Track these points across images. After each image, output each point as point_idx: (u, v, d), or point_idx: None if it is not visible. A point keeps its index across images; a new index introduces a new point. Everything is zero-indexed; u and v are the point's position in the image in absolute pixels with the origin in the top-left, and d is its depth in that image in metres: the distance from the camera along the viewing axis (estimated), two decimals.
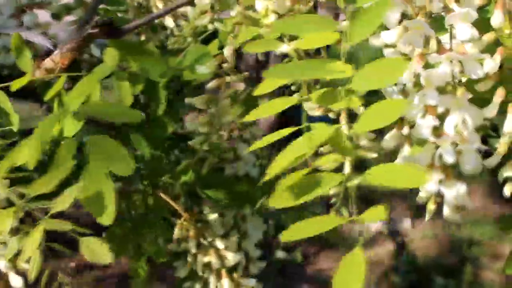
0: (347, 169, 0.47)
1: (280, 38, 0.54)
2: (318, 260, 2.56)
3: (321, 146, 0.48)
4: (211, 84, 0.61)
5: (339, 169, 0.49)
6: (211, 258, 0.76)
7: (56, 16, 0.91)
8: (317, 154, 0.49)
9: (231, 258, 0.76)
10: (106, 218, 0.54)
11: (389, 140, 0.56)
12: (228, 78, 0.61)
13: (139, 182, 0.85)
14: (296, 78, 0.49)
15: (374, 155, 0.63)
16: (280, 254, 2.52)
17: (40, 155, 0.55)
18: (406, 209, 2.63)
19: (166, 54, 0.75)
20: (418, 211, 2.37)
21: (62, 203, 0.53)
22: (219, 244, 0.77)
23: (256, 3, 0.58)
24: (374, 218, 0.44)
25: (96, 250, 0.54)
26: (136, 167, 0.82)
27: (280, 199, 0.45)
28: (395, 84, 0.50)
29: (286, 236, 0.45)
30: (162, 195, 0.78)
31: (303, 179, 0.45)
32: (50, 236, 0.54)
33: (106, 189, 0.54)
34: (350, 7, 0.50)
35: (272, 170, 0.46)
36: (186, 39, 0.68)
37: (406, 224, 2.65)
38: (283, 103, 0.50)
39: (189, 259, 0.80)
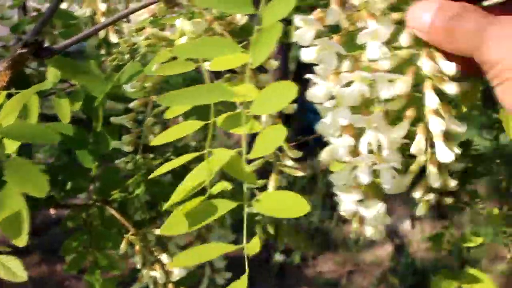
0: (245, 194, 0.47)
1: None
2: (317, 263, 2.55)
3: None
4: (133, 104, 0.61)
5: None
6: (156, 272, 0.76)
7: (14, 30, 0.92)
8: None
9: (177, 272, 0.76)
10: (21, 240, 0.54)
11: (325, 155, 0.55)
12: (153, 97, 0.60)
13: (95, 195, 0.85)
14: (195, 103, 0.49)
15: (301, 173, 0.63)
16: (278, 256, 2.52)
17: None
18: (406, 210, 2.61)
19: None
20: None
21: None
22: (164, 258, 0.77)
23: (176, 22, 0.58)
24: (255, 248, 0.44)
25: (11, 268, 0.54)
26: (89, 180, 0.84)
27: (174, 226, 0.45)
28: None
29: (174, 263, 0.45)
30: (110, 208, 0.79)
31: (199, 206, 0.45)
32: None
33: (22, 211, 0.54)
34: (256, 28, 0.49)
35: (174, 198, 0.46)
36: (124, 56, 0.68)
37: (405, 225, 2.63)
38: (191, 127, 0.50)
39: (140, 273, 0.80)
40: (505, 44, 0.38)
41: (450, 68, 0.44)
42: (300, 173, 0.61)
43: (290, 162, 0.60)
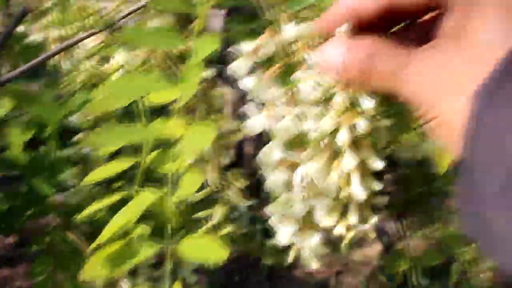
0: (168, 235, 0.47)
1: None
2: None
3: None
4: (77, 137, 0.61)
5: None
6: None
7: None
8: None
9: None
10: None
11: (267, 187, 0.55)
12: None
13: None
14: (123, 143, 0.49)
15: (248, 203, 0.63)
16: (267, 258, 2.52)
17: None
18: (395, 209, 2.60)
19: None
20: (407, 211, 2.36)
21: None
22: (124, 283, 0.76)
23: (116, 55, 0.58)
24: None
25: None
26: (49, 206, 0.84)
27: (93, 271, 0.45)
28: None
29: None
30: (70, 234, 0.79)
31: (119, 250, 0.45)
32: None
33: None
34: (186, 62, 0.49)
35: (102, 237, 0.46)
36: (76, 84, 0.68)
37: (394, 224, 2.63)
38: (119, 166, 0.50)
39: None
40: (427, 83, 0.37)
41: (368, 104, 0.43)
42: (247, 202, 0.61)
43: (235, 192, 0.59)
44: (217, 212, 0.59)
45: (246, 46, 0.51)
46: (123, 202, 0.60)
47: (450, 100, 0.36)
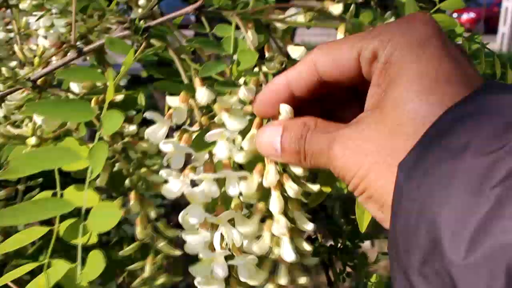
0: None
1: None
2: None
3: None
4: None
5: None
6: None
7: None
8: None
9: None
10: None
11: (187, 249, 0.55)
12: (20, 187, 0.60)
13: None
14: (31, 220, 0.48)
15: (178, 253, 0.62)
16: None
17: None
18: (367, 229, 2.60)
19: None
20: (378, 230, 2.34)
21: None
22: None
23: (36, 118, 0.57)
24: None
25: None
26: None
27: None
28: None
29: None
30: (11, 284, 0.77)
31: None
32: None
33: None
34: (97, 135, 0.49)
35: None
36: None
37: (365, 244, 2.62)
38: (32, 235, 0.50)
39: None
40: (354, 157, 0.38)
41: (298, 171, 0.45)
42: (177, 252, 0.60)
43: (163, 243, 0.58)
44: (148, 265, 0.58)
45: (171, 100, 0.51)
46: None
47: (376, 173, 0.36)
